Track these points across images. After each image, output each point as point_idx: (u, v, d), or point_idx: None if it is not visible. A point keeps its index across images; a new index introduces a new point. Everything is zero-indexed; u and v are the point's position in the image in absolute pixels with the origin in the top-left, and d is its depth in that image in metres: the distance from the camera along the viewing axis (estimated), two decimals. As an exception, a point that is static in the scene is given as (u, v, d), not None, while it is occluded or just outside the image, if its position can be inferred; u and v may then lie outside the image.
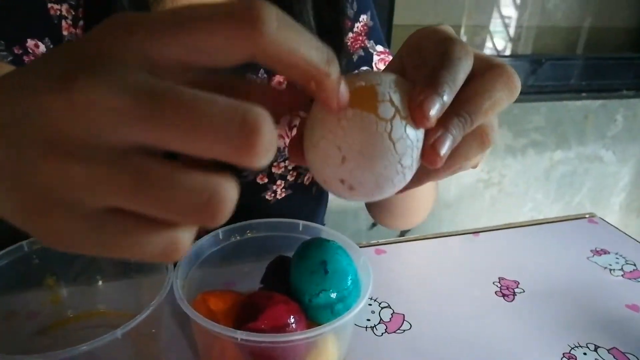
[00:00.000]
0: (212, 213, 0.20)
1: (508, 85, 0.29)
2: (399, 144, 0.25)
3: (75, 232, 0.21)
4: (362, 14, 0.70)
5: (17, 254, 0.44)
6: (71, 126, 0.19)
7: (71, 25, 0.59)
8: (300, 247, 0.44)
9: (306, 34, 0.22)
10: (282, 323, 0.37)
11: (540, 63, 1.55)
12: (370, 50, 0.70)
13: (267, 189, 0.68)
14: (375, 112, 0.25)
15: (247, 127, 0.19)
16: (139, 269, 0.47)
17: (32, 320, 0.47)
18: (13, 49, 0.56)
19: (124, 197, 0.19)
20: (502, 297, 0.56)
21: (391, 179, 0.26)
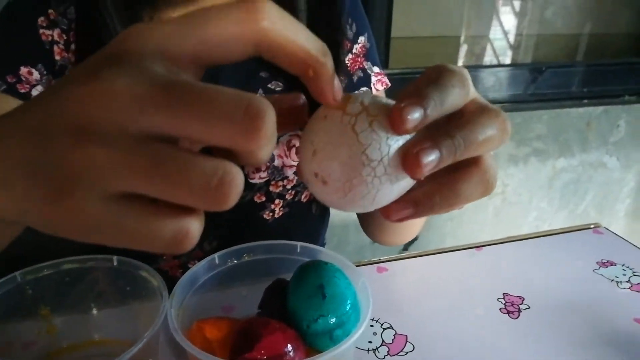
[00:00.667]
0: (223, 194, 0.21)
1: (502, 128, 0.30)
2: (362, 135, 0.26)
3: (92, 216, 0.22)
4: (360, 36, 0.71)
5: (10, 285, 0.43)
6: (98, 114, 0.21)
7: (63, 49, 0.59)
8: (298, 271, 0.43)
9: (303, 26, 0.24)
10: (279, 352, 0.37)
11: (541, 71, 1.54)
12: (368, 71, 0.71)
13: (265, 208, 0.67)
14: (343, 109, 0.27)
15: (251, 111, 0.21)
16: (134, 296, 0.46)
17: (28, 350, 0.46)
18: (6, 78, 0.56)
19: (142, 179, 0.21)
20: (507, 314, 0.55)
21: (359, 170, 0.27)
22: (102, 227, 0.22)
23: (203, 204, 0.22)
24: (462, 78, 0.29)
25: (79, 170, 0.21)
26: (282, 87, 0.65)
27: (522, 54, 1.81)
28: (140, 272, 0.45)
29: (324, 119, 0.28)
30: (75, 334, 0.48)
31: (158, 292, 0.42)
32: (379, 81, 0.72)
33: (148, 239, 0.22)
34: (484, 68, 1.55)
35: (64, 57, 0.59)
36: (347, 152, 0.27)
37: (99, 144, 0.21)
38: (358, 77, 0.71)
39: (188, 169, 0.21)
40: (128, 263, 0.45)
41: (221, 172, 0.21)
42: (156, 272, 0.44)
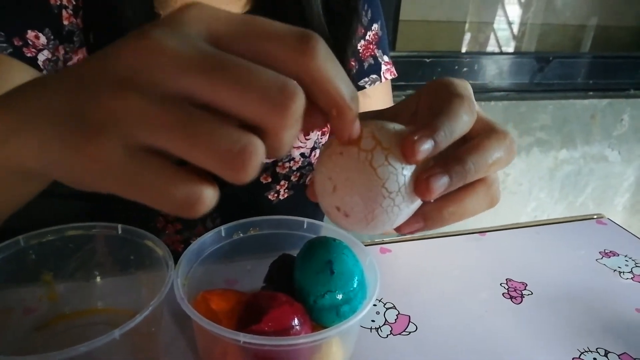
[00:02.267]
0: (243, 162, 0.22)
1: (509, 149, 0.32)
2: (380, 170, 0.28)
3: (114, 164, 0.23)
4: (374, 23, 0.71)
5: (13, 249, 0.43)
6: (143, 68, 0.23)
7: (72, 14, 0.57)
8: (305, 246, 0.43)
9: (342, 70, 0.26)
10: (286, 325, 0.36)
11: (548, 61, 1.53)
12: (379, 59, 0.72)
13: (270, 189, 0.67)
14: (358, 145, 0.29)
15: (285, 91, 0.22)
16: (138, 265, 0.46)
17: (29, 316, 0.46)
18: (13, 41, 0.55)
19: (169, 134, 0.22)
20: (510, 299, 0.55)
21: (379, 202, 0.29)
22: (120, 177, 0.23)
23: (222, 169, 0.22)
24: (469, 103, 0.31)
25: (112, 117, 0.22)
26: None
27: (526, 43, 1.80)
28: (145, 241, 0.44)
29: (341, 155, 0.30)
30: (77, 301, 0.47)
31: (163, 261, 0.42)
32: (388, 70, 0.73)
33: (162, 196, 0.23)
34: (491, 55, 1.53)
35: (72, 23, 0.58)
36: (367, 187, 0.29)
37: (137, 95, 0.22)
38: (369, 64, 0.71)
39: (214, 132, 0.22)
40: (133, 232, 0.45)
41: (245, 141, 0.22)
42: (161, 242, 0.43)
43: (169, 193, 0.23)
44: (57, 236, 0.45)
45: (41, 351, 0.33)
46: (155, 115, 0.22)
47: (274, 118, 0.23)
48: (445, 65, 1.43)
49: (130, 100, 0.22)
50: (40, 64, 0.56)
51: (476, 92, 1.27)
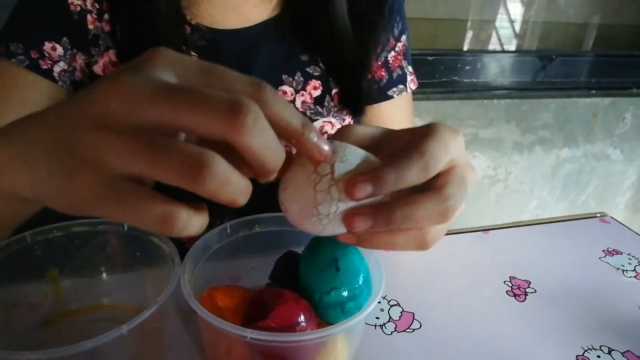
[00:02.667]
0: (199, 172, 0.25)
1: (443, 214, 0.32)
2: (319, 195, 0.32)
3: (97, 192, 0.26)
4: (402, 35, 0.72)
5: (20, 245, 0.43)
6: (114, 106, 0.26)
7: (96, 19, 0.58)
8: (311, 243, 0.43)
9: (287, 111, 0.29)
10: (292, 322, 0.36)
11: (551, 59, 1.53)
12: (405, 69, 0.73)
13: None
14: (317, 165, 0.32)
15: (234, 106, 0.25)
16: (144, 261, 0.46)
17: (34, 312, 0.46)
18: (30, 53, 0.56)
19: (138, 159, 0.25)
20: (514, 297, 0.55)
21: (308, 217, 0.33)
22: (103, 203, 0.27)
23: (184, 181, 0.25)
24: (426, 164, 0.31)
25: (91, 153, 0.26)
26: (320, 71, 0.66)
27: (528, 42, 1.79)
28: (151, 238, 0.44)
29: (302, 167, 0.33)
30: (82, 297, 0.47)
31: (170, 258, 0.42)
32: (412, 81, 0.74)
33: (140, 216, 0.26)
34: (493, 53, 1.53)
35: (97, 27, 0.58)
36: (304, 202, 0.32)
37: (109, 131, 0.26)
38: (397, 75, 0.72)
39: (172, 150, 0.25)
40: (139, 228, 0.45)
41: (198, 153, 0.25)
42: (167, 239, 0.43)
43: (146, 213, 0.26)
44: (63, 232, 0.45)
45: (46, 347, 0.33)
46: (124, 145, 0.25)
47: (230, 131, 0.25)
48: (448, 63, 1.43)
49: (103, 135, 0.26)
50: (55, 75, 0.57)
51: (478, 91, 1.27)
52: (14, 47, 0.55)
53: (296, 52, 0.65)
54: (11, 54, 0.55)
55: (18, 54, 0.55)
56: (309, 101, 0.65)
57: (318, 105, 0.65)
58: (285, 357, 0.37)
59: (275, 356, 0.37)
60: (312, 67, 0.65)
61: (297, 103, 0.64)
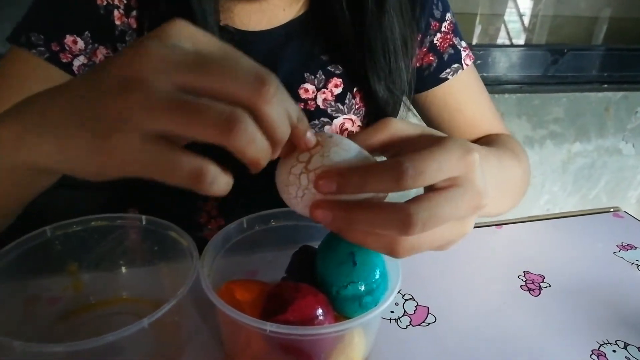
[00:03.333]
0: (232, 126, 0.27)
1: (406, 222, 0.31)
2: (291, 177, 0.35)
3: (130, 153, 0.28)
4: (447, 12, 0.70)
5: (40, 239, 0.43)
6: (140, 68, 0.27)
7: (123, 14, 0.58)
8: (327, 238, 0.43)
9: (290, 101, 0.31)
10: (310, 315, 0.37)
11: (562, 53, 1.51)
12: (457, 46, 0.70)
13: None
14: (299, 152, 0.35)
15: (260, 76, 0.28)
16: (162, 256, 0.46)
17: (54, 306, 0.46)
18: (51, 46, 0.56)
19: (170, 117, 0.27)
20: (528, 292, 0.55)
21: (282, 192, 0.36)
22: (136, 162, 0.28)
23: (217, 136, 0.27)
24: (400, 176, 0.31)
25: (122, 115, 0.27)
26: (341, 70, 0.66)
27: (537, 35, 1.78)
28: (169, 232, 0.45)
29: (293, 150, 0.35)
30: (101, 291, 0.48)
31: (188, 252, 0.42)
32: (467, 56, 0.71)
33: (171, 171, 0.28)
34: (505, 47, 1.52)
35: (124, 22, 0.58)
36: (280, 178, 0.36)
37: (138, 92, 0.27)
38: (449, 55, 0.70)
39: (205, 108, 0.27)
40: (157, 223, 0.45)
41: (230, 110, 0.27)
42: (185, 233, 0.44)
43: (177, 168, 0.27)
44: (83, 227, 0.45)
45: (66, 340, 0.33)
46: (155, 105, 0.27)
47: (254, 98, 0.27)
48: (459, 57, 1.42)
49: (132, 97, 0.27)
50: (74, 69, 0.57)
51: (489, 85, 1.26)
52: (34, 38, 0.55)
53: (318, 51, 0.65)
54: (32, 44, 0.55)
55: (39, 45, 0.55)
56: (330, 99, 0.65)
57: (339, 103, 0.65)
58: (304, 350, 0.37)
59: (294, 349, 0.37)
60: (334, 66, 0.65)
61: (319, 101, 0.65)
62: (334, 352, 0.39)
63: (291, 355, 0.37)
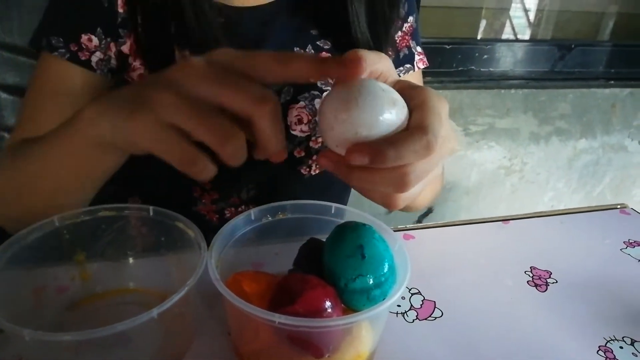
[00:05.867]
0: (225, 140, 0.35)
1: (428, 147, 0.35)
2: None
3: (150, 132, 0.36)
4: (410, 16, 0.74)
5: (48, 229, 0.43)
6: (179, 76, 0.36)
7: (125, 3, 0.59)
8: (336, 230, 0.43)
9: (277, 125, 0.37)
10: (319, 307, 0.37)
11: (570, 48, 1.51)
12: (412, 50, 0.75)
13: (302, 163, 0.69)
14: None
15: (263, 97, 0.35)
16: (169, 246, 0.46)
17: (61, 295, 0.47)
18: (70, 46, 0.59)
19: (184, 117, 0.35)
20: (535, 287, 0.55)
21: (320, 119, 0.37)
22: (152, 140, 0.36)
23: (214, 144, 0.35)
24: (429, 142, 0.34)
25: (151, 102, 0.35)
26: (330, 45, 0.67)
27: (542, 31, 1.77)
28: (176, 223, 0.45)
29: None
30: (108, 280, 0.48)
31: (195, 243, 0.42)
32: (420, 60, 0.76)
33: (174, 154, 0.35)
34: (511, 42, 1.51)
35: (125, 10, 0.59)
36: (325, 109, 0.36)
37: (170, 92, 0.35)
38: (404, 54, 0.74)
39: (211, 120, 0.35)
40: (164, 213, 0.45)
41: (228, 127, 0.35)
42: (192, 224, 0.44)
43: (177, 153, 0.35)
44: (91, 217, 0.45)
45: (74, 329, 0.33)
46: (177, 105, 0.35)
47: (255, 110, 0.35)
48: (465, 52, 1.42)
49: (164, 94, 0.35)
50: (94, 65, 0.60)
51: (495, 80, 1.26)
52: (55, 41, 0.58)
53: (307, 26, 0.66)
54: (53, 47, 0.58)
55: (59, 47, 0.58)
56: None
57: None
58: (312, 342, 0.37)
59: (302, 341, 0.37)
60: (323, 41, 0.67)
61: None
62: (341, 345, 0.39)
63: (299, 347, 0.37)
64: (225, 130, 0.34)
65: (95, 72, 0.60)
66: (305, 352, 0.37)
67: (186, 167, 0.35)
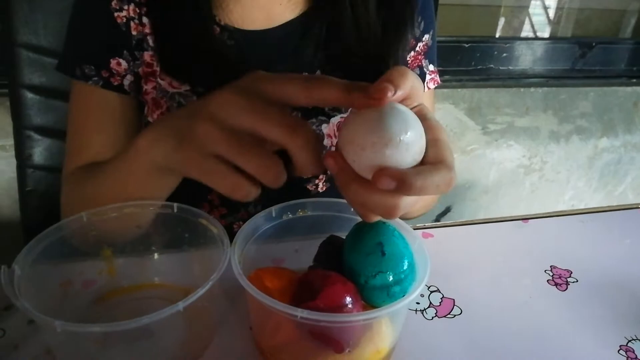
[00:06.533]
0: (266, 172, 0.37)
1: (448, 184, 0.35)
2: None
3: (191, 159, 0.39)
4: (425, 34, 0.72)
5: (77, 225, 0.45)
6: (220, 108, 0.38)
7: (138, 24, 0.60)
8: (355, 228, 0.43)
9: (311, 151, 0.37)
10: (339, 303, 0.37)
11: (591, 46, 1.49)
12: (424, 69, 0.73)
13: (309, 181, 0.70)
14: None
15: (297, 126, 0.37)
16: (192, 242, 0.47)
17: (88, 289, 0.48)
18: (102, 73, 0.60)
19: (227, 149, 0.37)
20: (555, 286, 0.55)
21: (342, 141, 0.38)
22: (198, 169, 0.39)
23: (256, 174, 0.37)
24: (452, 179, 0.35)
25: (198, 135, 0.38)
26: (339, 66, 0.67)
27: (562, 29, 1.75)
28: (200, 219, 0.46)
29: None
30: (133, 275, 0.49)
31: (218, 239, 0.43)
32: (432, 79, 0.75)
33: (220, 182, 0.39)
34: (531, 40, 1.50)
35: (139, 32, 0.60)
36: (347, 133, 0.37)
37: (213, 124, 0.38)
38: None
39: (253, 152, 0.37)
40: (188, 210, 0.46)
41: (268, 160, 0.37)
42: (216, 220, 0.45)
43: (225, 181, 0.38)
44: (117, 213, 0.46)
45: (100, 322, 0.34)
46: (219, 137, 0.37)
47: (290, 142, 0.36)
48: (484, 50, 1.41)
49: (207, 127, 0.38)
50: (126, 88, 0.62)
51: (515, 78, 1.25)
52: (87, 70, 0.60)
53: (316, 51, 0.65)
54: (87, 76, 0.60)
55: (92, 76, 0.60)
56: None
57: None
58: (333, 336, 0.38)
59: (323, 336, 0.38)
60: (334, 65, 0.66)
61: None
62: (361, 340, 0.39)
63: (320, 341, 0.38)
64: (264, 160, 0.37)
65: (129, 94, 0.62)
66: (326, 347, 0.38)
67: (232, 193, 0.38)
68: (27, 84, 0.80)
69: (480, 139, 1.50)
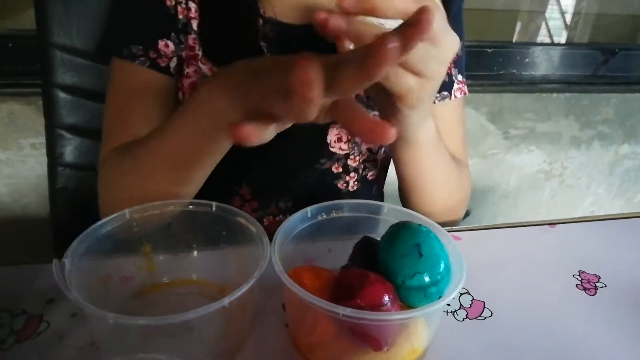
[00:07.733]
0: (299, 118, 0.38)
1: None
2: None
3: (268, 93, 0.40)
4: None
5: (120, 221, 0.46)
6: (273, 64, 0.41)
7: (185, 8, 0.61)
8: (391, 230, 0.44)
9: None
10: (378, 302, 0.38)
11: (614, 52, 1.48)
12: (452, 77, 0.72)
13: (340, 178, 0.71)
14: None
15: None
16: (230, 240, 0.48)
17: (127, 284, 0.49)
18: (149, 54, 0.61)
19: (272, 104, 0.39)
20: (584, 291, 0.55)
21: None
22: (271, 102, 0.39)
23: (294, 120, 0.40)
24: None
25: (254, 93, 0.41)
26: None
27: (579, 34, 1.74)
28: (238, 218, 0.47)
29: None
30: (172, 271, 0.50)
31: (257, 238, 0.44)
32: (459, 89, 0.73)
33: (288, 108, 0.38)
34: (553, 46, 1.50)
35: (185, 15, 0.62)
36: None
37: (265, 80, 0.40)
38: (443, 82, 0.71)
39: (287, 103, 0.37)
40: (226, 209, 0.48)
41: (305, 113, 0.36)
42: (254, 219, 0.46)
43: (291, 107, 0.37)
44: (158, 211, 0.48)
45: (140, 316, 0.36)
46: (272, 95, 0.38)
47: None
48: (506, 55, 1.41)
49: (261, 87, 0.40)
50: (172, 70, 0.63)
51: (537, 84, 1.24)
52: (135, 50, 0.61)
53: None
54: (134, 56, 0.61)
55: (140, 56, 0.61)
56: (361, 94, 0.66)
57: (370, 99, 0.67)
58: (371, 334, 0.39)
59: (361, 333, 0.39)
60: None
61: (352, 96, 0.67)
62: (398, 339, 0.40)
63: (359, 339, 0.39)
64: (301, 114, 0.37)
65: (173, 76, 0.63)
66: (365, 345, 0.39)
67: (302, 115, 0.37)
68: (60, 84, 0.82)
69: (501, 144, 1.50)
